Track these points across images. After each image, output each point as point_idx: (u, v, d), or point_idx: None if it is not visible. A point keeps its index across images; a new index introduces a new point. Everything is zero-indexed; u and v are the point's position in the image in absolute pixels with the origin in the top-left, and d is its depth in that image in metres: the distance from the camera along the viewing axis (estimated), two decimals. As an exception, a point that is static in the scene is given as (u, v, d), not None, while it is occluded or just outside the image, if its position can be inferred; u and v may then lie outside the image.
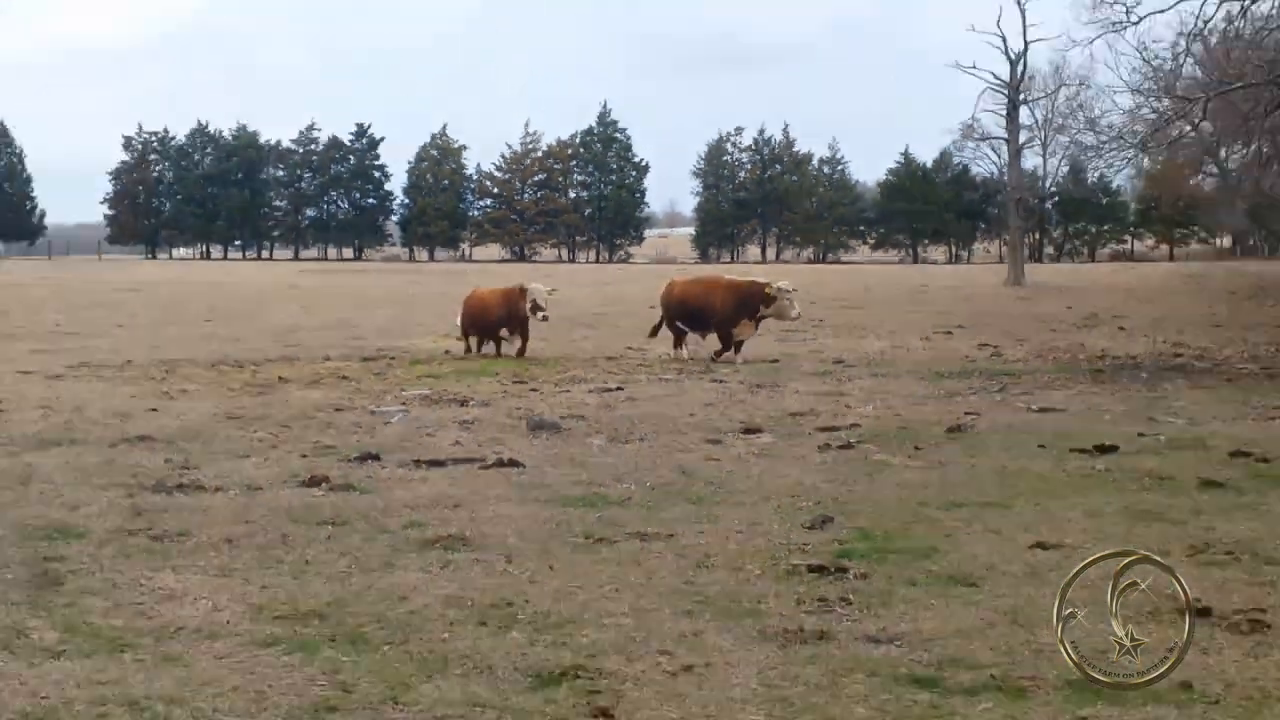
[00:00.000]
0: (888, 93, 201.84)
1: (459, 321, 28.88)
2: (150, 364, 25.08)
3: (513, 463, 14.68)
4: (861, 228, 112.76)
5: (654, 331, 28.62)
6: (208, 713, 7.41)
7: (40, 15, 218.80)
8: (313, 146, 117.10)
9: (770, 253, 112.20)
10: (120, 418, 17.90)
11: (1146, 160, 57.85)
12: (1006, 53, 58.88)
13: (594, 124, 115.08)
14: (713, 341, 27.19)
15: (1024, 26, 78.82)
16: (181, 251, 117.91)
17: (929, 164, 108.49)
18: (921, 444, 16.24)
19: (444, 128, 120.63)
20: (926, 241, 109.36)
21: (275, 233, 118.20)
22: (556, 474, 14.22)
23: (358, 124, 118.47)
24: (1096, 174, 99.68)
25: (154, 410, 18.70)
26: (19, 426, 17.11)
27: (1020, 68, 59.58)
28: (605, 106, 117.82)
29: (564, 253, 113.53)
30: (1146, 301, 43.95)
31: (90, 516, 12.02)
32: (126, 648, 8.46)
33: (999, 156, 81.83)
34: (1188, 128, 46.03)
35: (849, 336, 32.44)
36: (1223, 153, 51.43)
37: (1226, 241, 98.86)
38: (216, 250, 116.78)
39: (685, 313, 27.38)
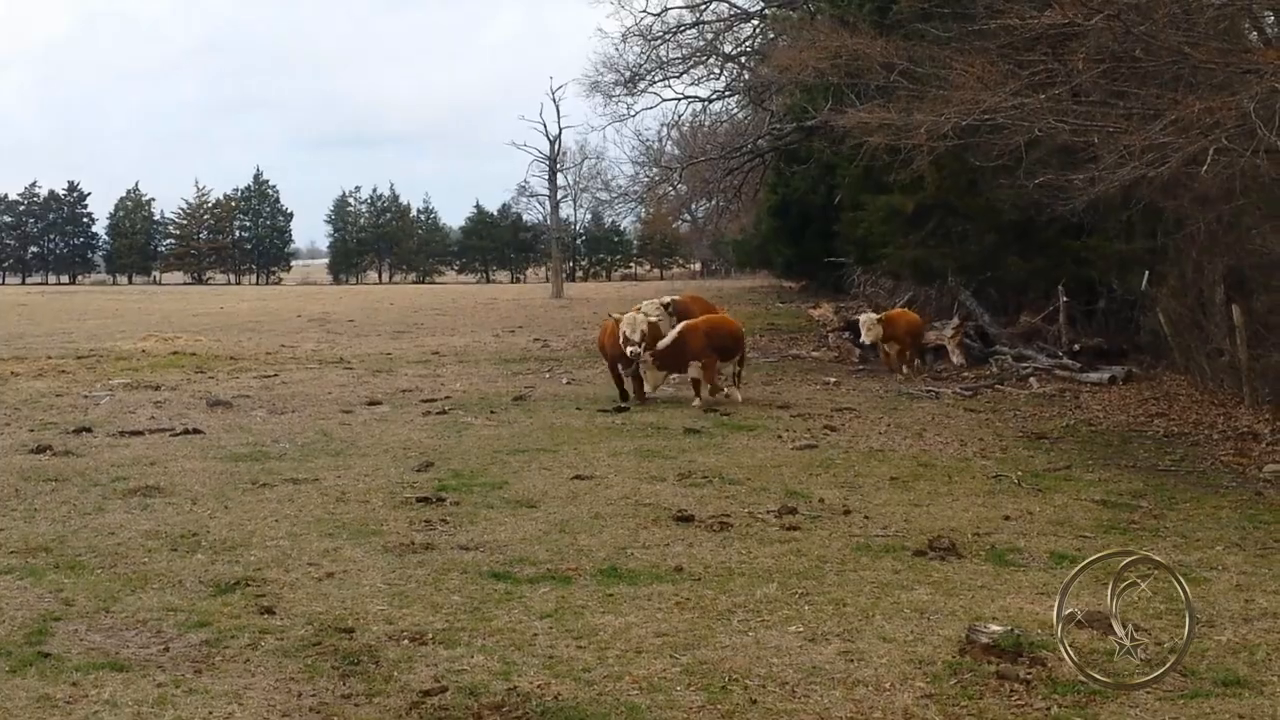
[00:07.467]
0: (468, 163, 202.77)
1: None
2: (-97, 364, 22.87)
3: (196, 431, 14.17)
4: (449, 258, 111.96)
5: None
6: (-45, 629, 6.91)
7: None
8: (35, 199, 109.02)
9: (385, 277, 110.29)
10: (-122, 406, 16.33)
11: (643, 210, 59.31)
12: (547, 135, 59.45)
13: (251, 183, 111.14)
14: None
15: (558, 117, 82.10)
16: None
17: (495, 213, 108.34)
18: (495, 409, 16.31)
19: (136, 184, 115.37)
20: (495, 267, 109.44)
21: (6, 264, 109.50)
22: (230, 438, 13.75)
23: (69, 181, 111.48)
24: (610, 220, 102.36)
25: (-93, 400, 17.15)
26: None
27: (556, 146, 60.30)
28: (259, 169, 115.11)
29: (232, 278, 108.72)
30: (645, 308, 45.04)
31: None
32: (-114, 583, 7.81)
33: (544, 208, 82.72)
34: (670, 188, 47.56)
35: (442, 335, 32.10)
36: (693, 205, 53.22)
37: (698, 266, 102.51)
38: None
39: None
